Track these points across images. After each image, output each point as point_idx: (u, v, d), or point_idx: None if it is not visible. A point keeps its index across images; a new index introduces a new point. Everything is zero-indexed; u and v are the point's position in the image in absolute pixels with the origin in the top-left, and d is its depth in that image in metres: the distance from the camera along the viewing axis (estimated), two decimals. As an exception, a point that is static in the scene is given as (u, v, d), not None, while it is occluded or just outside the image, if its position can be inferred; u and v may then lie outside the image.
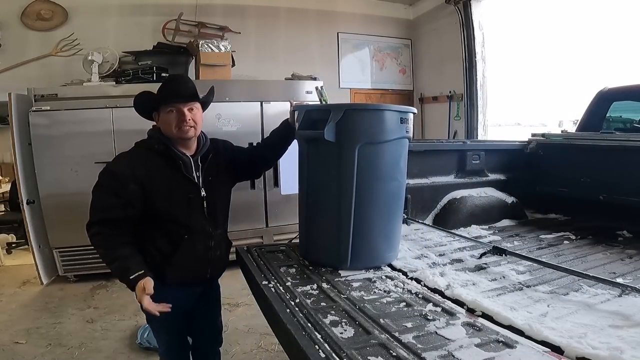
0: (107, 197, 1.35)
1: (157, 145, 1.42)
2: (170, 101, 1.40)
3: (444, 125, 5.17)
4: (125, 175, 1.34)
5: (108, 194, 1.35)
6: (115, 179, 1.35)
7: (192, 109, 1.43)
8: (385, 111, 1.55)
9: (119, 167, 1.38)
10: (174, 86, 1.44)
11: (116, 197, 1.34)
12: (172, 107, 1.40)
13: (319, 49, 5.24)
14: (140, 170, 1.36)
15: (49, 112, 3.25)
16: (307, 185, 1.67)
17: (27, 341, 2.52)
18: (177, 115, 1.40)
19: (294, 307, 1.24)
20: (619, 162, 2.19)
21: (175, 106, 1.40)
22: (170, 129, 1.41)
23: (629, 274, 1.53)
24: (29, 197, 3.29)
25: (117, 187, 1.34)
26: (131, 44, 4.27)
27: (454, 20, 4.82)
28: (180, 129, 1.41)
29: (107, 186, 1.35)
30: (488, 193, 2.48)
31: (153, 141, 1.44)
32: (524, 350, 0.97)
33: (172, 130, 1.41)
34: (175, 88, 1.43)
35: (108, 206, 1.34)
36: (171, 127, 1.41)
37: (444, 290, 1.36)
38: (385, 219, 1.64)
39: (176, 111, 1.40)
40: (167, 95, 1.42)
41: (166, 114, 1.41)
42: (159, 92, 1.43)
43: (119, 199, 1.34)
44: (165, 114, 1.41)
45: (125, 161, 1.40)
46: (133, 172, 1.35)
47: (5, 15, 4.11)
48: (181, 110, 1.40)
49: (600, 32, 4.10)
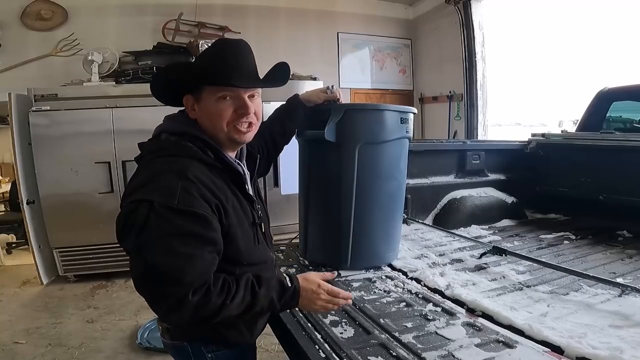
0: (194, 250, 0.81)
1: (205, 153, 0.91)
2: (227, 81, 0.89)
3: (444, 125, 5.17)
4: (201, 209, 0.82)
5: (194, 246, 0.81)
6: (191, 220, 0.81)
7: (253, 95, 0.95)
8: (385, 111, 1.56)
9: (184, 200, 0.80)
10: (234, 58, 0.92)
11: (206, 245, 0.83)
12: (227, 92, 0.91)
13: (319, 49, 5.24)
14: (210, 194, 0.85)
15: (49, 112, 3.25)
16: (307, 185, 1.67)
17: (27, 341, 2.52)
18: (235, 106, 0.92)
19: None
20: (619, 162, 2.19)
21: (234, 91, 0.91)
22: (220, 125, 0.92)
23: (629, 274, 1.53)
24: (29, 197, 3.29)
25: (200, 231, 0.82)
26: (131, 44, 4.27)
27: (454, 20, 4.82)
28: (236, 127, 0.93)
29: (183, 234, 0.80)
30: (488, 193, 2.48)
31: (194, 146, 0.90)
32: (524, 350, 0.97)
33: (223, 127, 0.92)
34: (236, 61, 0.92)
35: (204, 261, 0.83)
36: (221, 123, 0.92)
37: (444, 290, 1.36)
38: (386, 218, 1.64)
39: (234, 99, 0.92)
40: (225, 71, 0.90)
41: (216, 101, 0.91)
42: (209, 64, 0.92)
43: (209, 246, 0.84)
44: (213, 101, 0.91)
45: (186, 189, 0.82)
46: (206, 200, 0.84)
47: (5, 15, 4.10)
48: (242, 99, 0.92)
49: (600, 32, 4.10)
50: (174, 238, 0.79)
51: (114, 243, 3.22)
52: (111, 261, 3.46)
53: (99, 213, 3.36)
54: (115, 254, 3.44)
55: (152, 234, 0.78)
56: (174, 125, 0.94)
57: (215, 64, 0.91)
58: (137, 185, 0.84)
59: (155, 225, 0.78)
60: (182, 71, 0.97)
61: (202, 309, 0.81)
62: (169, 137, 0.93)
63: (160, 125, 0.97)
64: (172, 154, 0.88)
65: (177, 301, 0.79)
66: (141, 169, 0.90)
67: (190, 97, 0.95)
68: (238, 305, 0.85)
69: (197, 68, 0.94)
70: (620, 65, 3.82)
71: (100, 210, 3.37)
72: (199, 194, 0.82)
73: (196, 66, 0.95)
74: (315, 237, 1.68)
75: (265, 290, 0.88)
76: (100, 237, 3.40)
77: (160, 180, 0.82)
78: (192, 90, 0.94)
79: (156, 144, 0.94)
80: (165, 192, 0.80)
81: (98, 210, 3.36)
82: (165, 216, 0.78)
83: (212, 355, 0.97)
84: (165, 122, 0.98)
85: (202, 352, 0.96)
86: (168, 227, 0.78)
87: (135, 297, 3.16)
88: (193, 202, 0.81)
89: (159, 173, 0.84)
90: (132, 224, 0.79)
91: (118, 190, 3.41)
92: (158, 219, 0.78)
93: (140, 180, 0.85)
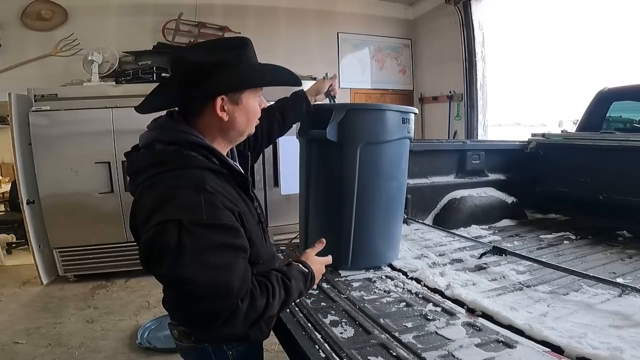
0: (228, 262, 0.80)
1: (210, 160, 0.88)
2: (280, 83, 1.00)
3: (444, 125, 5.17)
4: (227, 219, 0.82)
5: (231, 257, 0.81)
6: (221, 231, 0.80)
7: None
8: (387, 111, 1.56)
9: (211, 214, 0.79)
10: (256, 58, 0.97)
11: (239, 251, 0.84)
12: (260, 91, 0.97)
13: (319, 49, 5.24)
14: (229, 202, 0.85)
15: (49, 112, 3.25)
16: (308, 185, 1.67)
17: (27, 341, 2.52)
18: (260, 102, 0.99)
19: (294, 307, 1.24)
20: (619, 162, 2.19)
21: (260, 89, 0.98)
22: (253, 123, 0.98)
23: (629, 274, 1.53)
24: (29, 197, 3.29)
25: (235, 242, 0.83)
26: (131, 44, 4.27)
27: (454, 20, 4.82)
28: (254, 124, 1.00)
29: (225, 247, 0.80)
30: (488, 193, 2.48)
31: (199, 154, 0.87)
32: (524, 350, 0.97)
33: (254, 124, 0.99)
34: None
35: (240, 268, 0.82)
36: (255, 121, 0.98)
37: (444, 290, 1.36)
38: (386, 219, 1.64)
39: (259, 97, 0.98)
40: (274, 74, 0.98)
41: (254, 100, 0.96)
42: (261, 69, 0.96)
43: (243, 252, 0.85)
44: (253, 101, 0.95)
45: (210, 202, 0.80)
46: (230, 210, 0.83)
47: (5, 15, 4.10)
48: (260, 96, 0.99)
49: (600, 32, 4.11)
50: (211, 253, 0.77)
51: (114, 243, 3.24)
52: (111, 261, 3.46)
53: (99, 213, 3.36)
54: (115, 254, 3.44)
55: (189, 253, 0.75)
56: (168, 134, 0.88)
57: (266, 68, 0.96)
58: (155, 207, 0.79)
59: (190, 244, 0.75)
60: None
61: (251, 313, 0.82)
62: (166, 148, 0.86)
63: (149, 133, 0.90)
64: (178, 167, 0.83)
65: (231, 313, 0.79)
66: (149, 188, 0.84)
67: (224, 99, 0.88)
68: (278, 302, 0.88)
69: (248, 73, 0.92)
70: (620, 65, 3.82)
71: (100, 210, 3.37)
72: (222, 205, 0.81)
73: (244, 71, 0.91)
74: (316, 237, 1.66)
75: (295, 283, 0.92)
76: (100, 237, 3.40)
77: (179, 197, 0.79)
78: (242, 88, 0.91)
79: (154, 156, 0.87)
80: (191, 209, 0.77)
81: (98, 210, 3.37)
82: (198, 233, 0.76)
83: (232, 352, 0.98)
84: (155, 129, 0.91)
85: (223, 350, 0.97)
86: (203, 243, 0.76)
87: (135, 297, 3.16)
88: (220, 214, 0.80)
89: (174, 189, 0.80)
90: (164, 247, 0.76)
91: (118, 190, 3.41)
92: (192, 237, 0.75)
93: (155, 201, 0.80)
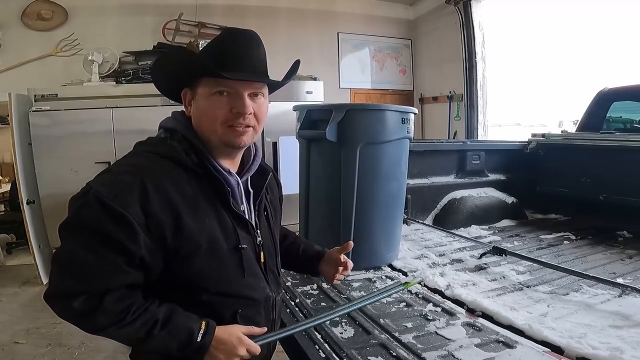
0: (101, 254, 0.71)
1: (188, 156, 0.80)
2: (216, 71, 0.78)
3: (444, 126, 5.17)
4: (134, 216, 0.71)
5: (102, 246, 0.71)
6: (117, 222, 0.71)
7: (256, 94, 0.82)
8: (386, 111, 1.56)
9: (121, 199, 0.71)
10: (236, 48, 0.81)
11: (118, 254, 0.72)
12: (224, 87, 0.79)
13: (319, 49, 5.24)
14: (158, 206, 0.73)
15: (49, 112, 3.25)
16: (308, 185, 1.67)
17: (27, 341, 2.52)
18: (231, 103, 0.80)
19: (294, 307, 1.24)
20: (619, 162, 2.19)
21: (231, 85, 0.79)
22: (213, 124, 0.80)
23: (629, 274, 1.53)
24: (29, 197, 3.29)
25: (120, 237, 0.71)
26: (131, 44, 4.28)
27: (454, 20, 4.82)
28: (231, 127, 0.80)
29: (100, 233, 0.71)
30: (488, 193, 2.48)
31: (179, 146, 0.80)
32: (524, 350, 0.97)
33: (216, 127, 0.80)
34: (238, 52, 0.81)
35: (107, 270, 0.72)
36: (214, 122, 0.80)
37: (444, 290, 1.36)
38: (386, 219, 1.64)
39: (230, 95, 0.80)
40: (221, 61, 0.79)
41: (211, 96, 0.80)
42: (206, 54, 0.83)
43: (122, 256, 0.72)
44: (208, 97, 0.80)
45: (132, 189, 0.72)
46: (147, 211, 0.72)
47: (5, 15, 4.10)
48: (240, 95, 0.80)
49: (600, 32, 4.11)
50: (91, 234, 0.71)
51: (114, 243, 3.15)
52: (111, 261, 3.46)
53: (99, 213, 3.36)
54: (115, 254, 3.44)
55: (73, 219, 0.73)
56: (169, 122, 0.86)
57: (212, 53, 0.81)
58: (100, 173, 0.78)
59: (83, 214, 0.72)
60: (185, 59, 0.84)
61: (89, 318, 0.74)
62: (161, 134, 0.85)
63: (162, 120, 0.89)
64: (149, 151, 0.81)
65: (63, 294, 0.74)
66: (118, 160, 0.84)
67: (187, 91, 0.84)
68: (125, 334, 0.76)
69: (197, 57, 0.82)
70: (620, 65, 3.82)
71: (100, 210, 3.36)
72: (142, 200, 0.72)
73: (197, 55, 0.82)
74: (316, 237, 1.67)
75: (165, 335, 0.75)
76: (100, 237, 3.40)
77: (113, 172, 0.77)
78: (193, 82, 0.82)
79: (148, 139, 0.86)
80: (108, 185, 0.73)
81: (98, 210, 3.36)
82: (94, 207, 0.70)
83: None
84: (168, 117, 0.89)
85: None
86: (90, 221, 0.71)
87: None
88: (129, 205, 0.71)
89: (118, 165, 0.79)
90: (70, 204, 0.75)
91: (118, 190, 3.40)
92: (87, 208, 0.71)
93: (106, 169, 0.80)
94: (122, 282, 0.74)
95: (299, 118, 1.65)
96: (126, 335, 0.76)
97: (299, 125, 1.64)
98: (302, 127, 1.61)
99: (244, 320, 0.85)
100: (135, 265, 0.74)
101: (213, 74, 0.78)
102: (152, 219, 0.73)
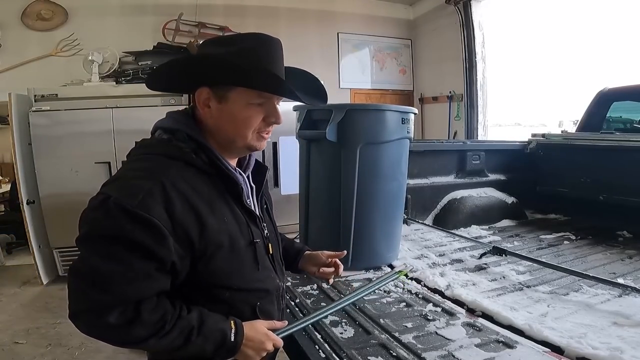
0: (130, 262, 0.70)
1: (198, 156, 0.80)
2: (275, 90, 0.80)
3: (444, 126, 5.17)
4: (161, 221, 0.70)
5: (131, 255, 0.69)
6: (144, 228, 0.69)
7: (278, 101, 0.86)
8: (386, 111, 1.56)
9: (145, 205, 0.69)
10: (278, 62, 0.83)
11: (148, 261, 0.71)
12: (263, 98, 0.80)
13: (319, 49, 5.24)
14: (182, 209, 0.73)
15: (49, 112, 3.25)
16: (308, 185, 1.67)
17: (27, 341, 2.51)
18: (266, 112, 0.82)
19: (294, 307, 1.24)
20: (619, 162, 2.19)
21: (269, 97, 0.81)
22: (245, 131, 0.81)
23: (629, 274, 1.53)
24: (29, 197, 3.29)
25: (149, 243, 0.70)
26: (131, 44, 4.28)
27: (454, 20, 4.82)
28: (260, 135, 0.84)
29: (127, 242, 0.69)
30: (488, 193, 2.49)
31: (186, 147, 0.79)
32: (524, 350, 0.97)
33: (247, 134, 0.82)
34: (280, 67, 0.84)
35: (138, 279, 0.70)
36: (247, 130, 0.81)
37: (444, 290, 1.36)
38: (386, 219, 1.64)
39: (263, 105, 0.81)
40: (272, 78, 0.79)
41: (246, 106, 0.80)
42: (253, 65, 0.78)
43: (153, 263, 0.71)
44: (245, 106, 0.80)
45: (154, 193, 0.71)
46: (172, 215, 0.72)
47: (5, 15, 4.10)
48: (274, 105, 0.83)
49: (600, 32, 4.11)
50: (116, 242, 0.68)
51: (114, 243, 3.13)
52: (111, 261, 3.45)
53: (99, 213, 3.35)
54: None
55: (94, 230, 0.70)
56: (168, 122, 0.84)
57: (260, 67, 0.78)
58: (109, 181, 0.76)
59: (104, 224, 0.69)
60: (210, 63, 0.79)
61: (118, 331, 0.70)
62: (161, 134, 0.83)
63: (158, 121, 0.86)
64: (158, 153, 0.78)
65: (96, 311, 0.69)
66: (122, 165, 0.82)
67: (207, 91, 0.80)
68: (164, 345, 0.74)
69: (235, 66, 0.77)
70: (620, 65, 3.82)
71: (100, 210, 3.36)
72: (166, 204, 0.71)
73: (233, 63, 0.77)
74: (316, 237, 1.68)
75: (201, 341, 0.76)
76: (100, 237, 3.39)
77: (129, 177, 0.74)
78: (214, 84, 0.79)
79: (148, 141, 0.84)
80: (127, 191, 0.70)
81: (98, 210, 3.36)
82: (117, 216, 0.68)
83: None
84: (164, 118, 0.86)
85: None
86: (114, 229, 0.68)
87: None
88: (153, 209, 0.69)
89: (131, 170, 0.77)
90: (84, 217, 0.72)
91: (118, 190, 3.40)
92: (109, 217, 0.69)
93: (114, 176, 0.77)
94: (154, 290, 0.73)
95: (299, 118, 1.65)
96: (165, 346, 0.75)
97: (299, 125, 1.64)
98: (302, 127, 1.61)
99: (262, 314, 0.87)
100: (165, 271, 0.73)
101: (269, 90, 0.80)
102: (178, 222, 0.72)
